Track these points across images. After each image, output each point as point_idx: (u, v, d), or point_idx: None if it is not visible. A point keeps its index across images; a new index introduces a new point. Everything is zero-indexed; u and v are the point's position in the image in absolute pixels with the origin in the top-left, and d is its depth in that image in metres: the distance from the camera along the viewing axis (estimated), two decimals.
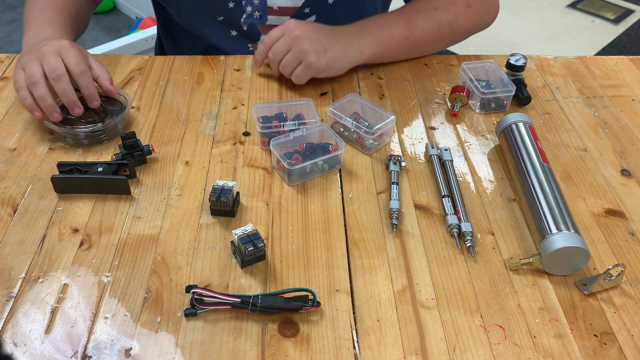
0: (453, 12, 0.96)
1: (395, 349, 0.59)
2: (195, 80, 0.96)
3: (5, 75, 0.97)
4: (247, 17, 1.00)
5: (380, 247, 0.70)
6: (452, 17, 0.96)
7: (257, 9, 0.99)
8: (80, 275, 0.66)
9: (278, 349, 0.59)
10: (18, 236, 0.70)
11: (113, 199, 0.75)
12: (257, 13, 1.00)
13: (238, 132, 0.86)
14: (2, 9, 2.98)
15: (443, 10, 0.96)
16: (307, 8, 1.00)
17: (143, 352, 0.59)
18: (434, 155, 0.81)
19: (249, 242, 0.65)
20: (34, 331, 0.60)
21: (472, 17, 0.99)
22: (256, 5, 0.98)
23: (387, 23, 0.93)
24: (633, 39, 2.78)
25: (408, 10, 0.96)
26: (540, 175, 0.73)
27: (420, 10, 0.95)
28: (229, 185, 0.72)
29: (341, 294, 0.64)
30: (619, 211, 0.75)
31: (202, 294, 0.61)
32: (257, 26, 1.01)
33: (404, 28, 0.94)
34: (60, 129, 0.82)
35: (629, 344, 0.60)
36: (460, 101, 0.90)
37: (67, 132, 0.82)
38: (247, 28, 1.01)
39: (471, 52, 1.11)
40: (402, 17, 0.94)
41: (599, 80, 0.98)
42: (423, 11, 0.95)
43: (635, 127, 0.89)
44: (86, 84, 0.81)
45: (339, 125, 0.85)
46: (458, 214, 0.72)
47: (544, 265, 0.66)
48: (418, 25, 0.94)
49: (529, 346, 0.60)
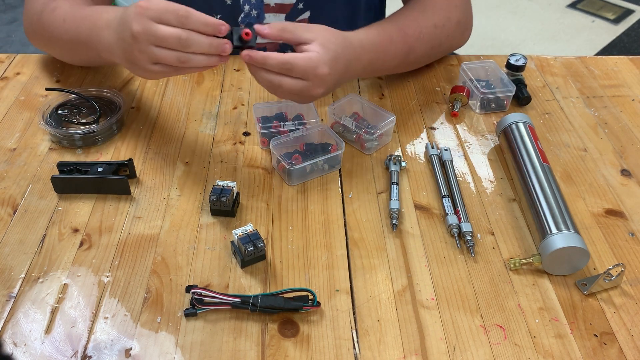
0: (447, 30, 0.94)
1: (395, 349, 0.59)
2: (195, 80, 0.96)
3: (5, 75, 0.97)
4: (244, 16, 1.00)
5: (380, 247, 0.70)
6: (444, 38, 0.94)
7: (255, 7, 0.99)
8: (80, 275, 0.66)
9: (278, 349, 0.59)
10: (18, 236, 0.70)
11: (113, 199, 0.75)
12: (255, 11, 0.99)
13: (238, 132, 0.86)
14: (2, 9, 2.98)
15: (440, 29, 0.92)
16: (301, 4, 1.00)
17: (143, 352, 0.59)
18: (434, 155, 0.81)
19: (249, 242, 0.65)
20: (34, 331, 0.60)
21: (459, 34, 0.97)
22: (253, 4, 0.98)
23: (392, 55, 0.87)
24: (633, 39, 2.78)
25: (412, 33, 0.89)
26: (540, 175, 0.73)
27: (422, 32, 0.90)
28: (229, 185, 0.72)
29: (341, 294, 0.64)
30: (619, 211, 0.75)
31: (202, 294, 0.61)
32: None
33: (402, 58, 0.89)
34: (55, 131, 0.81)
35: (629, 344, 0.60)
36: (460, 101, 0.90)
37: (61, 134, 0.81)
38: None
39: (471, 52, 1.10)
40: (406, 44, 0.88)
41: (599, 80, 0.98)
42: (424, 32, 0.90)
43: (635, 127, 0.89)
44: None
45: (339, 125, 0.85)
46: (458, 214, 0.72)
47: (544, 265, 0.66)
48: (415, 52, 0.91)
49: (529, 346, 0.60)
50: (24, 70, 0.97)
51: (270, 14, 1.00)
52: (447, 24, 0.93)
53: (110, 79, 0.96)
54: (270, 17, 1.00)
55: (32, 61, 0.99)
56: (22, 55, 1.01)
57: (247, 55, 0.70)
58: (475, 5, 0.99)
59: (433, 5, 0.93)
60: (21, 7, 2.95)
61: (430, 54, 0.96)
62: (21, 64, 0.99)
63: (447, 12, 0.93)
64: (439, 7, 0.93)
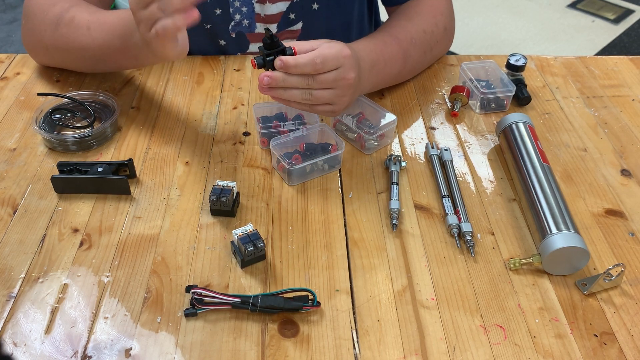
0: (436, 36, 0.94)
1: (395, 349, 0.59)
2: (195, 80, 0.96)
3: (5, 75, 0.97)
4: (235, 25, 0.99)
5: (380, 247, 0.70)
6: (434, 43, 0.95)
7: (246, 17, 0.98)
8: (80, 275, 0.66)
9: (278, 349, 0.59)
10: (18, 236, 0.70)
11: (113, 199, 0.75)
12: (246, 21, 0.98)
13: (238, 132, 0.86)
14: (2, 9, 2.98)
15: (430, 34, 0.93)
16: (293, 14, 0.99)
17: (143, 352, 0.59)
18: (434, 155, 0.81)
19: (249, 242, 0.65)
20: (34, 331, 0.60)
21: (446, 41, 0.98)
22: (244, 14, 0.97)
23: (390, 60, 0.87)
24: (633, 39, 2.78)
25: (404, 38, 0.90)
26: (540, 175, 0.73)
27: (414, 38, 0.90)
28: (229, 185, 0.72)
29: (341, 294, 0.64)
30: (619, 211, 0.75)
31: (202, 294, 0.61)
32: (246, 35, 1.01)
33: (401, 64, 0.90)
34: (49, 136, 0.81)
35: (629, 344, 0.60)
36: (460, 101, 0.90)
37: (55, 139, 0.81)
38: (235, 36, 1.00)
39: (471, 52, 1.10)
40: (401, 50, 0.89)
41: (599, 80, 0.98)
42: (416, 38, 0.91)
43: (635, 127, 0.89)
44: None
45: (341, 124, 0.85)
46: (458, 214, 0.72)
47: (544, 265, 0.66)
48: (411, 58, 0.91)
49: (529, 346, 0.60)
50: (24, 70, 0.97)
51: (260, 23, 0.99)
52: (435, 30, 0.94)
53: (109, 80, 0.96)
54: (260, 27, 1.00)
55: (32, 61, 0.99)
56: (22, 55, 1.01)
57: (279, 61, 0.71)
58: (475, 5, 0.99)
59: (418, 13, 0.94)
60: (21, 7, 2.96)
61: (423, 60, 0.96)
62: (21, 64, 0.99)
63: (434, 19, 0.94)
64: (425, 14, 0.94)
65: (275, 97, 0.74)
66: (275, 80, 0.72)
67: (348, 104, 0.78)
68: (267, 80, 0.72)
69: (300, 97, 0.73)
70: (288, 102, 0.75)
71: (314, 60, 0.71)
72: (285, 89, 0.73)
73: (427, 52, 0.95)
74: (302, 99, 0.74)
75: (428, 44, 0.94)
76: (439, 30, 0.95)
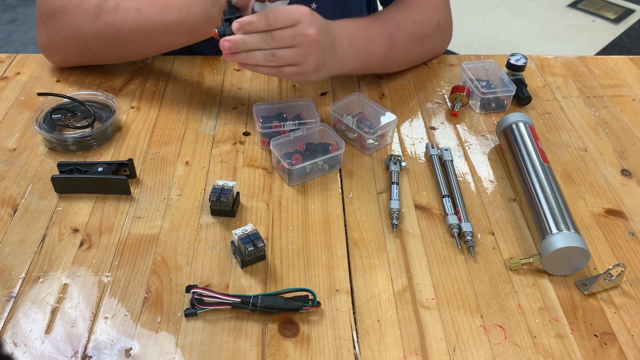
0: (427, 28, 0.94)
1: (395, 349, 0.59)
2: (195, 80, 0.96)
3: (6, 75, 0.97)
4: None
5: (381, 247, 0.70)
6: (425, 35, 0.94)
7: None
8: (80, 275, 0.66)
9: (278, 349, 0.59)
10: (18, 236, 0.70)
11: (113, 199, 0.75)
12: None
13: (238, 132, 0.86)
14: (2, 9, 2.98)
15: (420, 25, 0.92)
16: None
17: (143, 352, 0.59)
18: (434, 155, 0.81)
19: (249, 242, 0.65)
20: (34, 331, 0.60)
21: (440, 36, 0.97)
22: None
23: (373, 38, 0.87)
24: (633, 38, 2.78)
25: (390, 22, 0.90)
26: (541, 175, 0.73)
27: (400, 23, 0.90)
28: (229, 185, 0.72)
29: (341, 294, 0.64)
30: (619, 211, 0.75)
31: (202, 294, 0.61)
32: None
33: (386, 46, 0.89)
34: (49, 136, 0.81)
35: (629, 344, 0.60)
36: (461, 101, 0.90)
37: (55, 139, 0.81)
38: None
39: (471, 52, 1.10)
40: (385, 31, 0.89)
41: (599, 80, 0.98)
42: (402, 24, 0.91)
43: (635, 127, 0.89)
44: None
45: (341, 124, 0.85)
46: (458, 214, 0.72)
47: (544, 265, 0.66)
48: (398, 42, 0.90)
49: (529, 346, 0.60)
50: (24, 70, 0.97)
51: None
52: (426, 22, 0.94)
53: (110, 80, 0.96)
54: None
55: (32, 61, 0.99)
56: (22, 55, 1.01)
57: (236, 24, 0.72)
58: (475, 5, 0.99)
59: (409, 5, 0.94)
60: (20, 7, 2.96)
61: (413, 50, 0.95)
62: (21, 64, 0.99)
63: (426, 12, 0.94)
64: (417, 7, 0.94)
65: (240, 62, 0.74)
66: (236, 43, 0.72)
67: (317, 67, 0.76)
68: (227, 44, 0.72)
69: (263, 58, 0.73)
70: (255, 67, 0.75)
71: (266, 15, 0.71)
72: (248, 51, 0.73)
73: (418, 43, 0.94)
74: (265, 60, 0.73)
75: (418, 34, 0.93)
76: (431, 23, 0.94)
